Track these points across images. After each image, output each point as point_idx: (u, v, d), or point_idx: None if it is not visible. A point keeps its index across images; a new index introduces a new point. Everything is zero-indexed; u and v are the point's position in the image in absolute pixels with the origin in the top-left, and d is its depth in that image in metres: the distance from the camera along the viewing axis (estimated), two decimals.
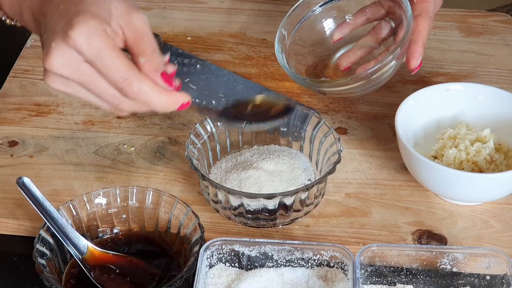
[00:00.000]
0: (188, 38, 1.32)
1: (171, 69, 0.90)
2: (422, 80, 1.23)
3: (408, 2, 1.07)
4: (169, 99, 0.87)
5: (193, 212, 0.96)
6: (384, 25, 1.15)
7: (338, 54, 1.18)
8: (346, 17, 1.16)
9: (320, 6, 1.17)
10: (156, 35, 1.26)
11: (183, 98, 0.90)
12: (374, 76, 1.07)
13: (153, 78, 0.86)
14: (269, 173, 1.04)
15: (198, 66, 1.26)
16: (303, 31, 1.15)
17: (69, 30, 0.80)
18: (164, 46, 1.27)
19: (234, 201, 0.99)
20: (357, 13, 1.15)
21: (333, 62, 1.18)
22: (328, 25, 1.18)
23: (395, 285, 0.94)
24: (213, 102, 1.19)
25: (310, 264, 0.94)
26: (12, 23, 0.97)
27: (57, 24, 0.83)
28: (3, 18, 0.98)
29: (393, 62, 1.07)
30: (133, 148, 1.12)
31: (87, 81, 0.84)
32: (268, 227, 1.01)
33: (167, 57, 0.92)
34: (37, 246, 0.91)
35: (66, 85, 0.85)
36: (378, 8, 1.15)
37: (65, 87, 0.85)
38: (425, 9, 1.07)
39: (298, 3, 1.15)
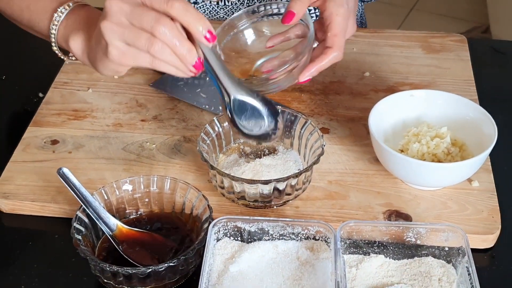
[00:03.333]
0: None
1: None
2: (391, 89, 1.22)
3: (313, 28, 1.02)
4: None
5: (203, 196, 0.96)
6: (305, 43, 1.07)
7: (259, 62, 1.11)
8: (264, 30, 1.12)
9: (243, 24, 1.11)
10: None
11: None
12: (276, 80, 1.02)
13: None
14: (266, 166, 1.04)
15: (207, 78, 1.27)
16: (231, 41, 1.11)
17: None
18: None
19: (237, 187, 0.99)
20: (290, 29, 1.08)
21: (257, 65, 1.11)
22: (250, 37, 1.13)
23: (369, 255, 0.94)
24: (220, 108, 1.20)
25: (299, 238, 0.94)
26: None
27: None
28: (73, 59, 1.01)
29: (284, 74, 1.02)
30: (154, 145, 1.12)
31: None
32: (265, 208, 1.01)
33: None
34: (74, 224, 0.92)
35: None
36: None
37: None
38: (336, 43, 1.01)
39: (230, 18, 1.11)
